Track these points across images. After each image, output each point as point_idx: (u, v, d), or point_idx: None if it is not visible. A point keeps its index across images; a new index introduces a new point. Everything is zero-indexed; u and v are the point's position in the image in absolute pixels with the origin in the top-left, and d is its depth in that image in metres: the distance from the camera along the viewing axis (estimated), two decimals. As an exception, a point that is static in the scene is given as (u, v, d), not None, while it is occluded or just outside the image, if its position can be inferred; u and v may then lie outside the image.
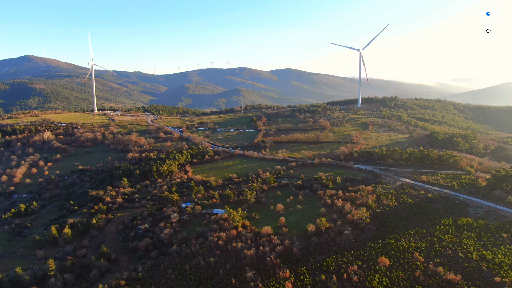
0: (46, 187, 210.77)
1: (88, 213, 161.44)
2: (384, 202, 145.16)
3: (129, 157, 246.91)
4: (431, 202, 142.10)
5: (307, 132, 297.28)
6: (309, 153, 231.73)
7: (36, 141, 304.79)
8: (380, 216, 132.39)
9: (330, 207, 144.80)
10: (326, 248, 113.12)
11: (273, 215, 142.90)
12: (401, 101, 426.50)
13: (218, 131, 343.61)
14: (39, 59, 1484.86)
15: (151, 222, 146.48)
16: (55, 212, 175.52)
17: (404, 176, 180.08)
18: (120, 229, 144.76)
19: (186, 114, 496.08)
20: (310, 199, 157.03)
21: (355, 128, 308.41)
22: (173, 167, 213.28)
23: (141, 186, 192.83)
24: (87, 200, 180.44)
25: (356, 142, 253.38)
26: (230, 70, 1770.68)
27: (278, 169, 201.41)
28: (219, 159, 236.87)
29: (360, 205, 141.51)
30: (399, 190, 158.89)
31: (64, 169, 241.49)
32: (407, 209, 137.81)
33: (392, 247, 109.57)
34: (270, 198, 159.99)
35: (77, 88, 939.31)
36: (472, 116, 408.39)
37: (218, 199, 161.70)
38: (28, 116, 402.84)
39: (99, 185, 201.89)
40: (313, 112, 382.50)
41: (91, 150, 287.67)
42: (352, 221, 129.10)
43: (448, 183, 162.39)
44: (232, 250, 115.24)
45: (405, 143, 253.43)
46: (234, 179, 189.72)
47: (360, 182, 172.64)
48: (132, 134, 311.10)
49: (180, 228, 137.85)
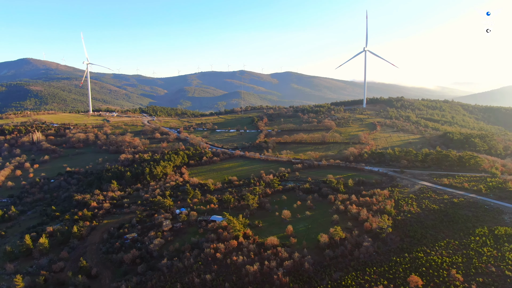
0: (29, 191, 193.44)
1: (70, 220, 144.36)
2: (405, 208, 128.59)
3: (121, 158, 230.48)
4: (458, 208, 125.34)
5: (312, 132, 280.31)
6: (315, 154, 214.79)
7: (25, 142, 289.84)
8: (402, 225, 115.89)
9: (344, 214, 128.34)
10: (343, 263, 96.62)
11: (279, 222, 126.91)
12: (408, 102, 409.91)
13: (218, 132, 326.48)
14: (38, 62, 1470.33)
15: (140, 230, 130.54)
16: (35, 219, 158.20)
17: (422, 178, 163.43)
18: (104, 238, 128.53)
19: (184, 115, 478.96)
20: (319, 205, 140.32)
21: (362, 128, 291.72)
22: (167, 169, 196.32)
23: (132, 190, 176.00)
24: (72, 205, 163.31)
25: (365, 143, 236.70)
26: (230, 73, 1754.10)
27: (282, 171, 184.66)
28: (218, 161, 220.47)
29: (378, 212, 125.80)
30: (419, 194, 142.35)
31: (51, 171, 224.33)
32: (432, 216, 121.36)
33: (422, 262, 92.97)
34: (275, 204, 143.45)
35: (75, 90, 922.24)
36: (483, 117, 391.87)
37: (217, 204, 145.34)
38: (19, 117, 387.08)
39: (87, 188, 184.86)
40: (317, 112, 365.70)
41: (82, 151, 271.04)
42: (370, 230, 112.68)
43: (474, 186, 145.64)
44: (232, 264, 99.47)
45: (417, 144, 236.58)
46: (234, 182, 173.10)
47: (375, 185, 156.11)
48: (126, 135, 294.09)
49: (172, 237, 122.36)
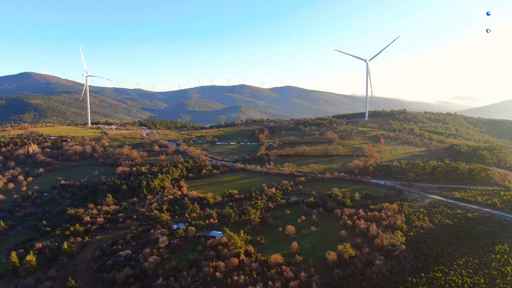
0: (21, 205, 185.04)
1: (61, 235, 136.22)
2: (416, 223, 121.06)
3: (118, 171, 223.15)
4: (474, 224, 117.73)
5: (314, 145, 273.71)
6: (318, 167, 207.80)
7: (20, 154, 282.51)
8: (415, 241, 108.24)
9: (351, 229, 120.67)
10: (354, 283, 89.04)
11: (283, 239, 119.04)
12: (411, 115, 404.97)
13: (218, 144, 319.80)
14: (38, 76, 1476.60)
15: (135, 247, 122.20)
16: (24, 234, 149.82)
17: (431, 192, 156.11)
18: (96, 255, 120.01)
19: (184, 128, 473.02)
20: (325, 220, 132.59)
21: (365, 141, 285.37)
22: (165, 182, 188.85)
23: (127, 204, 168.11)
24: (64, 220, 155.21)
25: (369, 156, 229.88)
26: (230, 88, 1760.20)
27: (285, 185, 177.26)
28: (218, 174, 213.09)
29: (388, 227, 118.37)
30: (430, 208, 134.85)
31: (45, 184, 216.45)
32: (446, 232, 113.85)
33: (441, 283, 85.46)
34: (278, 218, 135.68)
35: (75, 104, 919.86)
36: (487, 130, 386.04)
37: (216, 219, 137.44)
38: (16, 129, 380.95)
39: (81, 202, 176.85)
40: (319, 125, 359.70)
41: (78, 164, 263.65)
42: (382, 248, 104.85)
43: (488, 200, 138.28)
44: (233, 285, 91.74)
45: (423, 157, 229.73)
46: (234, 195, 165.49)
47: (382, 199, 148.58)
48: (124, 147, 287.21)
49: (169, 255, 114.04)
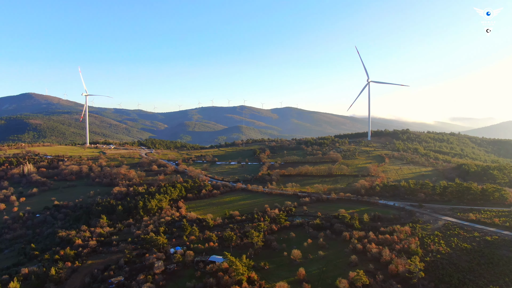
0: (10, 226, 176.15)
1: (50, 260, 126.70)
2: (432, 247, 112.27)
3: (114, 191, 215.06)
4: (495, 248, 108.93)
5: (317, 165, 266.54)
6: (323, 187, 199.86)
7: (15, 174, 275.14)
8: (432, 267, 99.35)
9: (362, 254, 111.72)
10: (370, 316, 78.81)
11: (288, 264, 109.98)
12: (414, 134, 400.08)
13: (218, 164, 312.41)
14: (40, 97, 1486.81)
15: (128, 273, 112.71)
16: (11, 258, 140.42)
17: (444, 213, 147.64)
18: (86, 282, 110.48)
19: (183, 148, 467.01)
20: (333, 243, 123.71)
21: (370, 160, 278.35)
22: (163, 203, 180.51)
23: (122, 226, 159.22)
24: (54, 243, 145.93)
25: (374, 175, 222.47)
26: (230, 109, 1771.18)
27: (288, 205, 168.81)
28: (218, 194, 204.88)
29: (401, 251, 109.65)
30: (445, 231, 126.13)
31: (38, 205, 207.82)
32: (466, 257, 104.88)
33: (468, 315, 75.45)
34: (282, 242, 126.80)
35: (75, 124, 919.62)
36: (493, 150, 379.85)
37: (216, 242, 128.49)
38: (13, 148, 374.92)
39: (73, 224, 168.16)
40: (321, 144, 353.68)
41: (74, 184, 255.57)
42: (397, 274, 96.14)
43: (506, 222, 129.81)
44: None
45: (431, 177, 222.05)
46: (236, 217, 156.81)
47: (393, 221, 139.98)
48: (122, 167, 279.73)
49: (165, 282, 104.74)
